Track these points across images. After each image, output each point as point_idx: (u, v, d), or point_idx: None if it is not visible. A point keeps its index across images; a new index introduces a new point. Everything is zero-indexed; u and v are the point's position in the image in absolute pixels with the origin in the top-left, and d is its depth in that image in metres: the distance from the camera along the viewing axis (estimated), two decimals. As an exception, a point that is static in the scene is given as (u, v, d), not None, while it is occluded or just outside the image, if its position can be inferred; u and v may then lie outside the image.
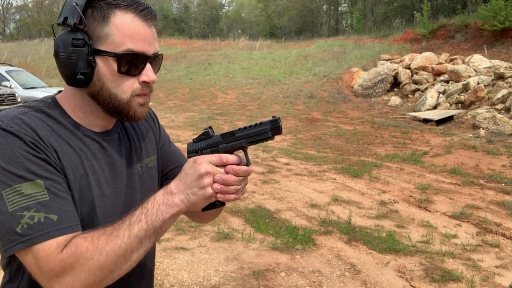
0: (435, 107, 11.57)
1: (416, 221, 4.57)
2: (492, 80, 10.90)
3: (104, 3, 0.85)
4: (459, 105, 10.93)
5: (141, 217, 0.80)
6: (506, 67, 11.50)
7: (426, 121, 10.56)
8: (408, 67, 14.51)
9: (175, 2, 53.22)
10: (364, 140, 9.00)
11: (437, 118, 10.30)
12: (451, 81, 12.38)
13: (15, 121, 0.82)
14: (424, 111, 11.48)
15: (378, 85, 14.28)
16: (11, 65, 14.13)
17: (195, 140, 0.92)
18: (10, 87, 11.43)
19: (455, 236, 4.16)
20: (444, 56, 14.91)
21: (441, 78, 13.01)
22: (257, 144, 0.90)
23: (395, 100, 13.40)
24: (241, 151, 0.89)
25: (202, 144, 0.91)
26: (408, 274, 3.40)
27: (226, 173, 0.83)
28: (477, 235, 4.21)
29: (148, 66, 0.89)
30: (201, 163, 0.83)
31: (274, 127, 0.86)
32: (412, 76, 13.99)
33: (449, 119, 10.25)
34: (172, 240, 3.95)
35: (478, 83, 11.00)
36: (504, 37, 15.52)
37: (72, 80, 0.87)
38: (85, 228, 0.83)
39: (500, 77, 10.73)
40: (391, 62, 15.78)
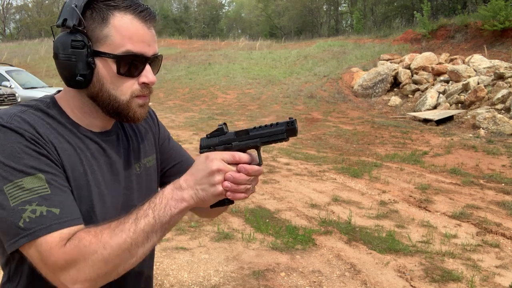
0: (435, 107, 11.57)
1: (416, 221, 4.57)
2: (492, 80, 10.90)
3: (103, 4, 0.85)
4: (459, 105, 10.93)
5: (148, 211, 0.79)
6: (506, 67, 11.49)
7: (426, 121, 10.56)
8: (408, 67, 14.51)
9: (175, 2, 53.26)
10: (364, 140, 9.00)
11: (437, 118, 10.30)
12: (451, 81, 12.38)
13: (14, 118, 0.82)
14: (424, 111, 11.48)
15: (378, 85, 14.28)
16: (11, 65, 14.11)
17: (208, 136, 0.91)
18: (10, 87, 11.42)
19: (455, 236, 4.17)
20: (444, 56, 14.91)
21: (441, 78, 13.01)
22: (270, 145, 0.88)
23: (395, 100, 13.40)
24: (254, 150, 0.88)
25: (215, 140, 0.89)
26: (408, 274, 3.40)
27: (238, 171, 0.82)
28: (477, 235, 4.21)
29: (148, 67, 0.89)
30: (213, 160, 0.82)
31: (289, 128, 0.86)
32: (412, 76, 13.99)
33: (449, 119, 10.25)
34: (172, 240, 3.95)
35: (478, 83, 11.00)
36: (504, 37, 15.52)
37: (71, 81, 0.87)
38: None
39: (500, 77, 10.73)
40: (391, 62, 15.78)
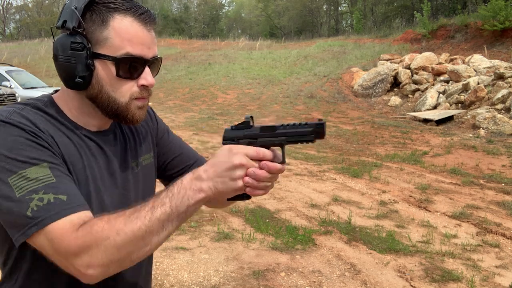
0: (435, 107, 11.57)
1: (416, 221, 4.57)
2: (492, 80, 10.90)
3: (103, 6, 0.86)
4: (459, 105, 10.93)
5: (165, 200, 0.78)
6: (506, 67, 11.49)
7: (426, 121, 10.56)
8: (408, 67, 14.51)
9: (175, 2, 53.26)
10: (364, 140, 9.00)
11: (437, 118, 10.30)
12: (451, 81, 12.38)
13: (13, 114, 0.83)
14: (424, 111, 11.48)
15: (378, 85, 14.28)
16: (11, 65, 14.10)
17: (233, 127, 0.89)
18: (10, 87, 11.42)
19: (455, 236, 4.17)
20: (444, 56, 14.90)
21: (441, 78, 13.00)
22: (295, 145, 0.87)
23: (395, 100, 13.39)
24: (278, 147, 0.87)
25: (240, 133, 0.88)
26: (408, 274, 3.40)
27: (260, 168, 0.81)
28: (477, 235, 4.21)
29: (147, 69, 0.90)
30: (236, 154, 0.80)
31: (317, 130, 0.83)
32: (412, 76, 13.99)
33: (449, 119, 10.25)
34: (172, 240, 3.95)
35: (478, 83, 11.00)
36: (504, 37, 15.52)
37: (70, 83, 0.87)
38: None
39: (500, 77, 10.73)
40: (391, 62, 15.77)
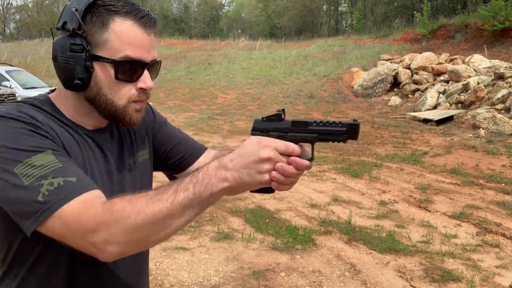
0: (435, 107, 11.57)
1: (416, 221, 4.57)
2: (492, 80, 10.90)
3: (104, 9, 0.86)
4: (459, 105, 10.93)
5: (189, 186, 0.77)
6: (506, 67, 11.49)
7: (426, 121, 10.56)
8: (408, 67, 14.51)
9: (175, 2, 53.24)
10: (364, 140, 9.00)
11: (437, 118, 10.30)
12: (451, 81, 12.38)
13: (12, 110, 0.83)
14: (424, 111, 11.48)
15: (378, 85, 14.28)
16: (11, 65, 14.10)
17: (264, 119, 0.86)
18: (10, 87, 11.43)
19: (455, 236, 4.16)
20: (444, 56, 14.90)
21: (441, 78, 13.00)
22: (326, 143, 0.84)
23: (395, 100, 13.39)
24: (308, 144, 0.85)
25: (270, 125, 0.85)
26: (408, 274, 3.40)
27: (288, 163, 0.80)
28: (477, 235, 4.21)
29: (146, 73, 0.90)
30: (266, 147, 0.78)
31: (351, 131, 0.80)
32: (412, 76, 13.99)
33: (449, 119, 10.25)
34: (172, 240, 3.95)
35: (478, 83, 11.00)
36: (504, 37, 15.52)
37: (69, 84, 0.87)
38: None
39: (500, 77, 10.73)
40: (391, 62, 15.77)
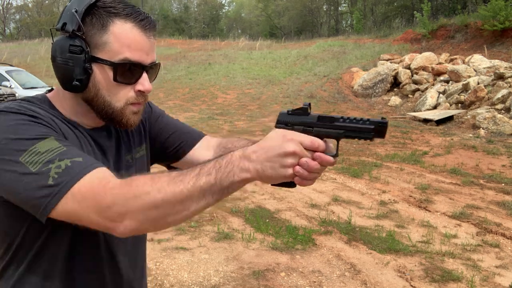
0: (435, 107, 11.57)
1: (416, 221, 4.57)
2: (492, 80, 10.90)
3: (104, 11, 0.86)
4: (459, 105, 10.93)
5: (212, 171, 0.77)
6: (506, 67, 11.49)
7: (426, 121, 10.56)
8: (408, 67, 14.51)
9: (175, 2, 53.23)
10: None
11: (437, 118, 10.30)
12: (451, 81, 12.38)
13: (12, 105, 0.84)
14: (424, 111, 11.48)
15: (378, 85, 14.28)
16: (11, 65, 14.10)
17: (289, 112, 0.85)
18: (10, 87, 11.43)
19: (455, 236, 4.17)
20: (444, 56, 14.90)
21: (441, 78, 13.00)
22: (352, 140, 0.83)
23: (395, 100, 13.39)
24: (332, 140, 0.83)
25: (296, 119, 0.84)
26: (408, 274, 3.40)
27: (313, 159, 0.78)
28: (477, 235, 4.21)
29: (144, 75, 0.90)
30: (291, 141, 0.77)
31: (378, 129, 0.79)
32: (412, 76, 13.99)
33: (449, 119, 10.25)
34: (172, 240, 3.95)
35: (478, 83, 11.00)
36: (504, 37, 15.52)
37: (67, 85, 0.88)
38: None
39: (500, 77, 10.73)
40: (391, 62, 15.77)
